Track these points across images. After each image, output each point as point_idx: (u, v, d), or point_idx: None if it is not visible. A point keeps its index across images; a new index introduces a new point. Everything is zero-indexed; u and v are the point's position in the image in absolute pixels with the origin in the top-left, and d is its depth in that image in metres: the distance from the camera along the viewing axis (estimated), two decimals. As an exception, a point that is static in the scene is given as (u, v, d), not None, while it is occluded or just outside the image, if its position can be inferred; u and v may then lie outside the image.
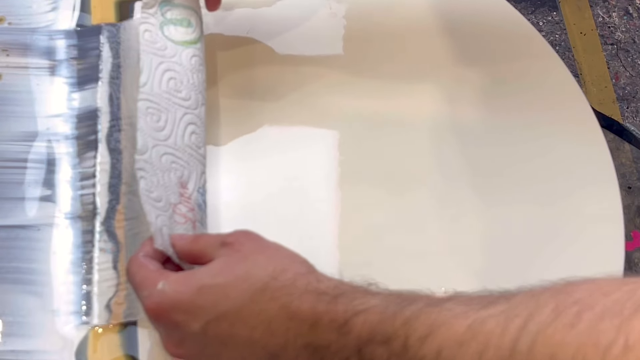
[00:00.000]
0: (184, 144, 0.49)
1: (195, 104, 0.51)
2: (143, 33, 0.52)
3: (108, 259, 0.52)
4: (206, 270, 0.42)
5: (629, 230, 1.10)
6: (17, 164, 0.54)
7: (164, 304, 0.42)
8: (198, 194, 0.49)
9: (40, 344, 0.49)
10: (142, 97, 0.49)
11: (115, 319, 0.50)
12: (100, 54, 0.59)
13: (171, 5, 0.53)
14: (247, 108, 0.58)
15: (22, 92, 0.57)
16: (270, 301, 0.40)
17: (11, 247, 0.52)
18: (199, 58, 0.52)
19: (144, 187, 0.46)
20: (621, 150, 1.12)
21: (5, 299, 0.50)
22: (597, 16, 1.42)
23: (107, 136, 0.56)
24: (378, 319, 0.37)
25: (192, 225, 0.47)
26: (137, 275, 0.44)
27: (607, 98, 1.34)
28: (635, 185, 1.10)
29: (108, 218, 0.53)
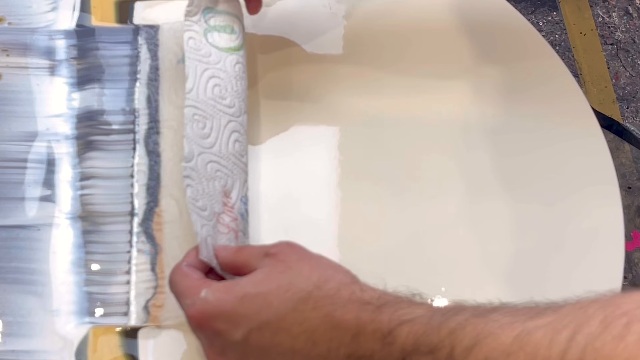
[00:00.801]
0: (228, 152, 0.49)
1: (238, 111, 0.51)
2: (187, 40, 0.52)
3: (146, 260, 0.52)
4: (249, 279, 0.42)
5: (629, 230, 1.10)
6: (17, 164, 0.54)
7: (207, 312, 0.42)
8: (241, 203, 0.49)
9: (40, 344, 0.49)
10: (188, 104, 0.49)
11: (153, 321, 0.50)
12: (138, 54, 0.59)
13: (215, 12, 0.53)
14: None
15: (22, 92, 0.57)
16: (313, 310, 0.40)
17: (11, 247, 0.52)
18: (242, 65, 0.53)
19: (190, 195, 0.47)
20: (621, 150, 1.12)
21: (5, 299, 0.50)
22: (597, 16, 1.42)
23: (145, 138, 0.56)
24: (423, 330, 0.37)
25: (234, 235, 0.47)
26: (180, 284, 0.44)
27: (607, 98, 1.34)
28: (635, 185, 1.10)
29: (146, 219, 0.53)
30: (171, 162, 0.55)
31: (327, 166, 0.56)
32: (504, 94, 0.60)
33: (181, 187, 0.51)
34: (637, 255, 1.12)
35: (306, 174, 0.56)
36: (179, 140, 0.54)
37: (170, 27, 0.60)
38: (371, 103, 0.59)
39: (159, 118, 0.56)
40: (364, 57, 0.61)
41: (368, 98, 0.59)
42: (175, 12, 0.61)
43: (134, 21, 0.60)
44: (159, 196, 0.54)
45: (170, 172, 0.54)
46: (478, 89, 0.60)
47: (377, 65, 0.61)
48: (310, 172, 0.56)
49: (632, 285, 1.13)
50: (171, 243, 0.52)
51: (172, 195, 0.54)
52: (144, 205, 0.54)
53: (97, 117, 0.56)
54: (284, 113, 0.58)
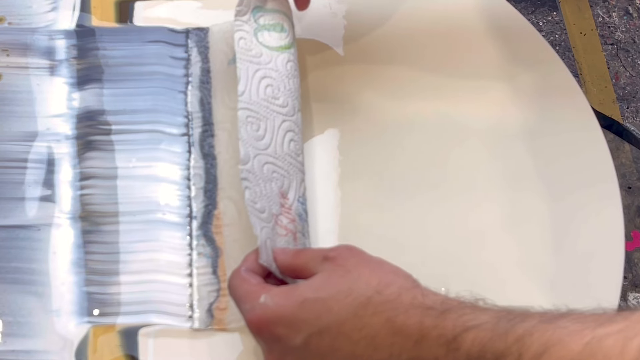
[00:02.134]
0: (283, 152, 0.49)
1: (292, 110, 0.51)
2: (238, 41, 0.52)
3: (207, 263, 0.52)
4: (309, 284, 0.42)
5: (629, 230, 1.10)
6: (17, 164, 0.54)
7: (266, 317, 0.42)
8: (298, 203, 0.49)
9: (40, 344, 0.49)
10: (241, 106, 0.49)
11: (218, 324, 0.50)
12: (189, 57, 0.59)
13: (264, 11, 0.53)
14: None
15: (22, 92, 0.57)
16: (374, 316, 0.40)
17: (11, 247, 0.52)
18: (293, 63, 0.53)
19: (248, 197, 0.47)
20: (621, 150, 1.12)
21: (5, 299, 0.50)
22: (597, 16, 1.42)
23: (200, 141, 0.56)
24: (489, 336, 0.37)
25: (292, 237, 0.47)
26: (239, 289, 0.44)
27: (607, 98, 1.34)
28: (635, 185, 1.10)
29: (205, 223, 0.53)
30: (227, 164, 0.55)
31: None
32: (503, 94, 0.60)
33: (239, 189, 0.51)
34: (637, 255, 1.12)
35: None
36: (234, 142, 0.54)
37: (220, 29, 0.60)
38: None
39: (212, 120, 0.56)
40: (367, 57, 0.61)
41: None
42: (176, 12, 0.61)
43: (134, 21, 0.60)
44: (217, 199, 0.54)
45: (227, 174, 0.54)
46: (477, 89, 0.60)
47: (376, 65, 0.61)
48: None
49: (632, 285, 1.12)
50: (232, 246, 0.52)
51: (230, 198, 0.54)
52: (202, 208, 0.53)
53: (97, 117, 0.56)
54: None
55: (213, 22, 0.61)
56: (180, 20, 0.61)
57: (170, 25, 0.60)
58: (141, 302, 0.51)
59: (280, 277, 0.46)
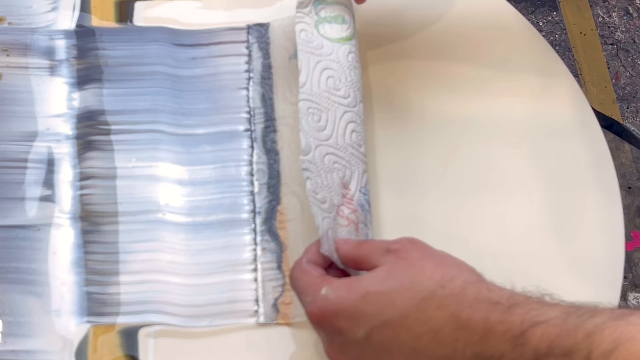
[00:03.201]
0: (345, 143, 0.49)
1: (354, 101, 0.51)
2: (299, 33, 0.52)
3: (272, 258, 0.52)
4: (371, 277, 0.42)
5: (629, 230, 1.10)
6: (17, 164, 0.54)
7: (327, 310, 0.42)
8: (360, 193, 0.49)
9: (40, 344, 0.49)
10: (302, 97, 0.50)
11: (283, 318, 0.50)
12: (250, 53, 0.59)
13: (325, 3, 0.53)
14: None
15: (22, 92, 0.57)
16: (438, 309, 0.39)
17: (11, 247, 0.52)
18: (354, 54, 0.53)
19: (310, 188, 0.47)
20: (621, 150, 1.12)
21: (5, 299, 0.50)
22: (597, 16, 1.42)
23: (263, 136, 0.56)
24: (557, 332, 0.36)
25: (354, 227, 0.48)
26: (301, 280, 0.44)
27: (607, 98, 1.34)
28: (635, 185, 1.10)
29: (269, 218, 0.53)
30: (290, 159, 0.55)
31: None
32: (503, 94, 0.60)
33: (302, 184, 0.51)
34: (637, 255, 1.12)
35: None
36: (296, 137, 0.54)
37: (280, 24, 0.60)
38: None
39: (274, 116, 0.56)
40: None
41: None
42: (176, 12, 0.61)
43: (134, 21, 0.61)
44: (280, 194, 0.54)
45: (290, 169, 0.54)
46: (477, 88, 0.60)
47: (376, 64, 0.61)
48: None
49: (632, 285, 1.13)
50: (296, 240, 0.52)
51: (293, 193, 0.54)
52: (266, 203, 0.54)
53: (97, 117, 0.56)
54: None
55: (214, 22, 0.61)
56: (180, 20, 0.61)
57: (171, 25, 0.60)
58: (141, 302, 0.51)
59: (341, 267, 0.46)
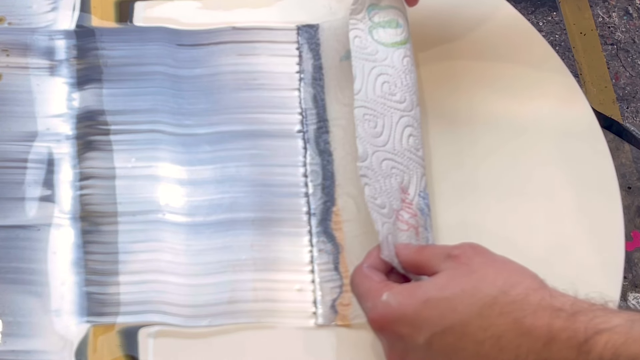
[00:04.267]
0: (402, 148, 0.50)
1: (410, 105, 0.51)
2: (353, 39, 0.52)
3: (328, 260, 0.52)
4: (432, 283, 0.42)
5: (629, 230, 1.10)
6: (17, 164, 0.54)
7: (388, 315, 0.42)
8: (419, 198, 0.49)
9: (40, 344, 0.49)
10: (357, 104, 0.50)
11: (341, 320, 0.50)
12: (301, 54, 0.59)
13: (378, 8, 0.54)
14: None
15: (22, 92, 0.57)
16: (500, 316, 0.39)
17: (11, 247, 0.52)
18: (410, 58, 0.53)
19: (368, 194, 0.47)
20: (621, 150, 1.12)
21: (5, 299, 0.50)
22: (597, 16, 1.42)
23: (316, 137, 0.56)
24: (623, 339, 0.36)
25: (414, 231, 0.48)
26: (361, 286, 0.44)
27: (607, 98, 1.34)
28: (635, 185, 1.10)
29: (324, 219, 0.53)
30: (344, 160, 0.55)
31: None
32: (503, 94, 0.60)
33: (357, 185, 0.51)
34: (637, 255, 1.12)
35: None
36: (349, 138, 0.54)
37: (330, 25, 0.60)
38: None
39: (327, 117, 0.57)
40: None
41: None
42: (176, 12, 0.61)
43: (134, 21, 0.61)
44: (335, 195, 0.54)
45: (344, 170, 0.54)
46: (477, 88, 0.60)
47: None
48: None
49: (632, 285, 1.13)
50: (352, 242, 0.52)
51: (348, 194, 0.54)
52: (321, 205, 0.54)
53: (97, 117, 0.56)
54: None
55: (213, 22, 0.61)
56: (180, 21, 0.61)
57: (171, 25, 0.60)
58: (141, 302, 0.51)
59: (402, 272, 0.46)
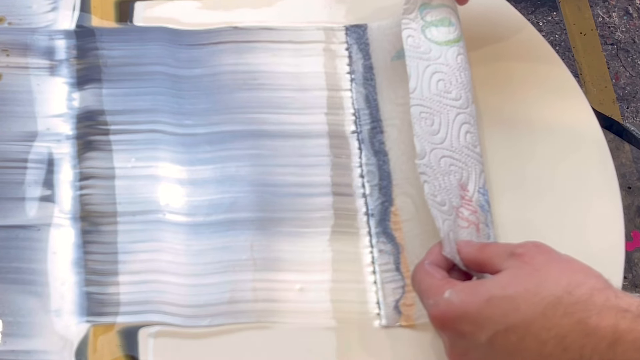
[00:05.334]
0: (460, 145, 0.50)
1: (466, 103, 0.51)
2: (406, 39, 0.53)
3: (389, 260, 0.52)
4: (495, 281, 0.42)
5: (629, 230, 1.10)
6: (17, 164, 0.54)
7: (450, 313, 0.42)
8: (479, 194, 0.49)
9: (40, 344, 0.49)
10: (413, 103, 0.50)
11: (405, 320, 0.50)
12: (351, 54, 0.59)
13: (430, 7, 0.54)
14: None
15: (22, 92, 0.57)
16: (564, 316, 0.39)
17: (11, 247, 0.52)
18: (463, 56, 0.53)
19: (428, 191, 0.48)
20: (621, 150, 1.12)
21: (5, 299, 0.50)
22: (597, 16, 1.42)
23: (370, 138, 0.56)
24: None
25: (475, 228, 0.48)
26: (423, 283, 0.44)
27: (607, 98, 1.34)
28: (635, 185, 1.10)
29: (382, 220, 0.53)
30: (400, 160, 0.55)
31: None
32: (502, 94, 0.60)
33: (414, 185, 0.52)
34: (637, 255, 1.12)
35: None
36: (404, 137, 0.55)
37: (379, 26, 0.60)
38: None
39: (380, 117, 0.57)
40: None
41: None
42: (176, 12, 0.61)
43: (134, 21, 0.60)
44: (393, 195, 0.54)
45: (400, 170, 0.54)
46: (477, 88, 0.60)
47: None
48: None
49: (632, 285, 1.13)
50: (412, 241, 0.52)
51: (406, 193, 0.54)
52: (379, 205, 0.54)
53: (97, 117, 0.56)
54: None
55: (213, 22, 0.61)
56: (181, 20, 0.61)
57: (171, 25, 0.60)
58: (141, 302, 0.51)
59: (464, 269, 0.46)
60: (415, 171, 0.49)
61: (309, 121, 0.57)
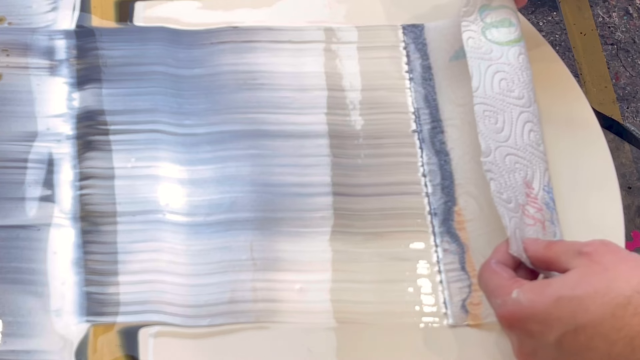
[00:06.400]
0: (524, 143, 0.50)
1: (528, 102, 0.52)
2: (467, 40, 0.54)
3: (454, 259, 0.52)
4: (563, 281, 0.41)
5: (629, 230, 1.10)
6: (17, 164, 0.54)
7: (518, 313, 0.42)
8: (544, 192, 0.50)
9: (40, 344, 0.49)
10: (477, 102, 0.51)
11: (473, 319, 0.50)
12: (408, 54, 0.60)
13: (490, 9, 0.55)
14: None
15: (22, 92, 0.57)
16: (634, 316, 0.39)
17: (11, 247, 0.52)
18: (524, 56, 0.54)
19: (494, 189, 0.48)
20: (621, 150, 1.12)
21: (5, 299, 0.50)
22: (597, 16, 1.42)
23: (431, 137, 0.56)
24: None
25: (541, 226, 0.48)
26: (490, 282, 0.44)
27: (607, 98, 1.34)
28: (635, 185, 1.10)
29: (446, 219, 0.53)
30: (462, 160, 0.55)
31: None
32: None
33: (477, 184, 0.52)
34: (637, 255, 1.12)
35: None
36: (465, 138, 0.55)
37: (436, 26, 0.60)
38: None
39: (440, 117, 0.57)
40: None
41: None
42: (176, 12, 0.61)
43: (134, 21, 0.60)
44: (455, 195, 0.54)
45: (462, 170, 0.55)
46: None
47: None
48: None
49: (632, 285, 1.12)
50: (477, 240, 0.52)
51: (469, 194, 0.54)
52: (442, 204, 0.54)
53: (97, 117, 0.56)
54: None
55: (213, 22, 0.61)
56: (181, 20, 0.61)
57: (171, 25, 0.60)
58: (141, 302, 0.51)
59: (531, 267, 0.46)
60: (479, 171, 0.50)
61: (309, 121, 0.57)
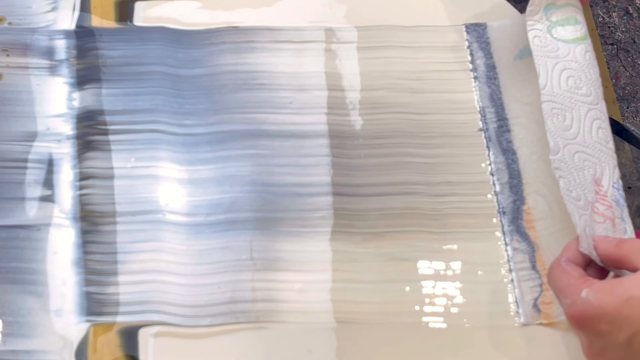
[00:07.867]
0: (592, 141, 0.51)
1: (596, 99, 0.52)
2: (532, 39, 0.54)
3: (524, 258, 0.52)
4: (634, 281, 0.41)
5: (629, 230, 1.10)
6: (17, 164, 0.54)
7: (588, 313, 0.42)
8: (613, 189, 0.50)
9: (40, 344, 0.49)
10: (544, 99, 0.52)
11: (545, 318, 0.51)
12: (472, 52, 0.60)
13: (555, 7, 0.55)
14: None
15: (22, 92, 0.57)
16: None
17: (11, 247, 0.52)
18: (591, 53, 0.54)
19: (564, 186, 0.48)
20: (621, 150, 1.12)
21: (5, 299, 0.50)
22: (597, 16, 1.42)
23: (497, 136, 0.57)
24: None
25: (611, 223, 0.48)
26: (560, 281, 0.44)
27: (607, 98, 1.33)
28: (635, 185, 1.10)
29: (515, 218, 0.54)
30: (529, 159, 0.55)
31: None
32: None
33: (545, 183, 0.52)
34: (637, 255, 1.12)
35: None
36: (532, 136, 0.55)
37: (499, 25, 0.61)
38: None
39: (506, 116, 0.57)
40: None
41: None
42: (176, 12, 0.61)
43: (134, 21, 0.60)
44: (524, 194, 0.54)
45: (530, 168, 0.55)
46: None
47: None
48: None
49: (632, 285, 1.12)
50: (547, 239, 0.52)
51: (537, 192, 0.54)
52: (510, 203, 0.54)
53: (97, 117, 0.56)
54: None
55: (213, 22, 0.61)
56: (181, 20, 0.61)
57: (171, 25, 0.60)
58: (141, 302, 0.51)
59: (601, 265, 0.46)
60: (547, 170, 0.50)
61: (309, 121, 0.57)
